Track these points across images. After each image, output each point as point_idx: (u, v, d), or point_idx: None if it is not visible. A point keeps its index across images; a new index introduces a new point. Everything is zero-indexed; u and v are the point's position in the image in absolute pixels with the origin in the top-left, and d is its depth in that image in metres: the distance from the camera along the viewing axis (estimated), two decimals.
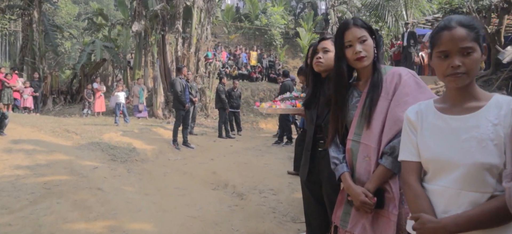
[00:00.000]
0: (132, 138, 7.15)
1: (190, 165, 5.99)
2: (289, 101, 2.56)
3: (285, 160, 6.29)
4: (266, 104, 2.41)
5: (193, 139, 8.50)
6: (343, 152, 1.68)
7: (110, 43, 15.62)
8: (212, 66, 15.08)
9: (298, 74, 3.66)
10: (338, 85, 1.67)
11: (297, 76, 3.70)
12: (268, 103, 2.40)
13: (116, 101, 9.15)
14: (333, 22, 22.73)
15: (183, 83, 7.26)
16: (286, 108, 2.34)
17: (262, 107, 2.41)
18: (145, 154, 6.29)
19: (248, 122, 13.75)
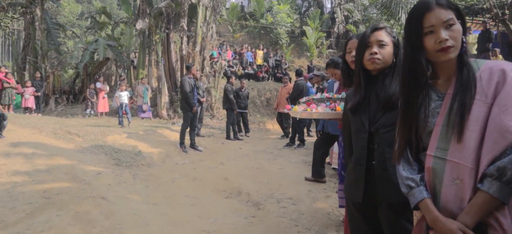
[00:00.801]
0: (137, 140, 6.80)
1: (199, 170, 5.63)
2: (325, 103, 2.19)
3: (300, 165, 5.92)
4: (300, 107, 2.04)
5: (200, 141, 8.14)
6: (419, 170, 1.30)
7: (113, 42, 15.31)
8: (217, 66, 14.73)
9: (327, 68, 3.28)
10: (412, 85, 1.29)
11: (326, 70, 3.30)
12: (302, 107, 2.03)
13: (118, 101, 8.79)
14: (339, 20, 22.34)
15: (192, 83, 6.90)
16: (324, 112, 1.97)
17: (295, 111, 2.04)
18: (151, 157, 5.93)
19: (255, 123, 13.38)
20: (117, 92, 9.08)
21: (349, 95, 1.85)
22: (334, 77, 3.29)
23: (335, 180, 4.92)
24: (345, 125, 1.85)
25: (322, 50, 20.99)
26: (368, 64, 1.67)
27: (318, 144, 4.63)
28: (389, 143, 1.58)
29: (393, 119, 1.57)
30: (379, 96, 1.65)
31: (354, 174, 1.73)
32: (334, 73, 3.25)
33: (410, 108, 1.30)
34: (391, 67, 1.69)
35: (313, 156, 4.74)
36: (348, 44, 2.23)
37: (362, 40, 1.70)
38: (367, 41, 1.68)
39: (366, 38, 1.69)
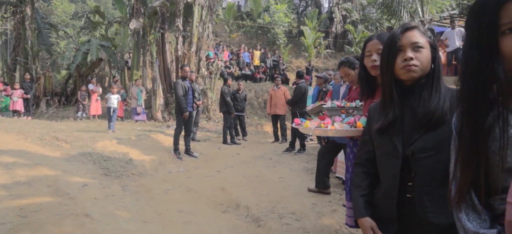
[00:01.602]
0: (129, 147, 6.42)
1: (195, 179, 5.27)
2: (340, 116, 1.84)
3: (301, 173, 5.57)
4: (313, 123, 1.69)
5: (196, 146, 7.78)
6: (491, 222, 0.95)
7: (107, 42, 14.89)
8: (214, 66, 14.36)
9: (340, 67, 2.94)
10: (479, 103, 0.94)
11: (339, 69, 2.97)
12: (315, 122, 1.68)
13: (108, 105, 8.37)
14: (337, 20, 22.05)
15: (186, 86, 6.53)
16: (342, 130, 1.62)
17: (306, 126, 1.69)
18: (143, 166, 5.56)
19: (253, 125, 13.03)
20: (107, 94, 8.66)
21: (373, 110, 1.49)
22: (347, 79, 2.95)
23: (340, 191, 4.58)
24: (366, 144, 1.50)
25: (320, 50, 20.69)
26: (403, 73, 1.32)
27: (323, 153, 4.29)
28: (429, 171, 1.24)
29: (435, 140, 1.23)
30: (416, 112, 1.31)
31: (382, 210, 1.38)
32: (347, 74, 2.91)
33: (477, 136, 0.94)
34: (429, 76, 1.34)
35: (317, 165, 4.40)
36: (367, 46, 1.88)
37: (391, 43, 1.35)
38: (399, 44, 1.33)
39: (397, 40, 1.34)
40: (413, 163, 1.27)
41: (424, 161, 1.25)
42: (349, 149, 3.20)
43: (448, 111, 1.26)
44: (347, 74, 2.91)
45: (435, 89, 1.31)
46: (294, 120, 1.83)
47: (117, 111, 8.41)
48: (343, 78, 3.04)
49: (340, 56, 20.97)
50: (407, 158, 1.28)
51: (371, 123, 1.47)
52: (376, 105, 1.49)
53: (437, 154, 1.24)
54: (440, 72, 1.35)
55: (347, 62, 2.91)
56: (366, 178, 1.44)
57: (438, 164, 1.24)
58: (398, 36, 1.34)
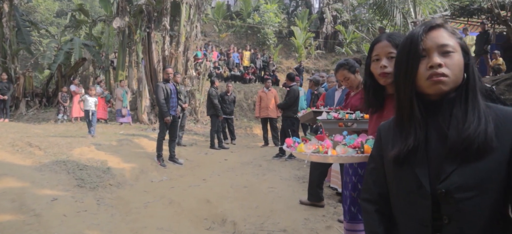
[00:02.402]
0: (108, 153, 6.01)
1: (178, 189, 4.90)
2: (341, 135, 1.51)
3: (292, 182, 5.25)
4: (309, 146, 1.35)
5: (182, 151, 7.40)
6: None
7: (90, 42, 14.33)
8: (202, 67, 13.97)
9: (338, 70, 2.61)
10: None
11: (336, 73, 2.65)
12: (312, 146, 1.34)
13: (85, 108, 7.88)
14: (328, 20, 21.87)
15: (169, 89, 6.15)
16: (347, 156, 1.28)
17: (300, 151, 1.35)
18: (122, 175, 5.16)
19: (242, 128, 12.69)
20: (84, 96, 8.17)
21: (385, 130, 1.17)
22: (345, 83, 2.64)
23: (334, 203, 4.28)
24: (377, 175, 1.16)
25: (310, 51, 20.45)
26: (428, 86, 1.00)
27: (315, 163, 3.97)
28: (469, 218, 0.93)
29: (479, 176, 0.92)
30: (445, 136, 0.99)
31: None
32: (346, 78, 2.60)
33: None
34: (461, 88, 1.02)
35: (310, 176, 4.08)
36: (375, 49, 1.56)
37: (412, 46, 1.03)
38: (422, 47, 1.01)
39: (419, 42, 1.01)
40: (446, 206, 0.95)
41: (463, 204, 0.93)
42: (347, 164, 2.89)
43: (493, 136, 0.94)
44: (346, 79, 2.59)
45: (471, 106, 0.99)
46: (285, 141, 1.49)
47: (96, 114, 7.95)
48: (341, 82, 2.72)
49: (331, 57, 20.79)
50: (437, 198, 0.96)
51: (383, 147, 1.14)
52: (389, 125, 1.16)
53: (481, 194, 0.92)
54: (476, 84, 1.02)
55: (347, 64, 2.59)
56: (381, 221, 1.11)
57: (482, 209, 0.92)
58: (420, 37, 1.02)
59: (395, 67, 1.11)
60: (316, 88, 6.52)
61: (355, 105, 2.63)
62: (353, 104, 2.66)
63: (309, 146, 1.31)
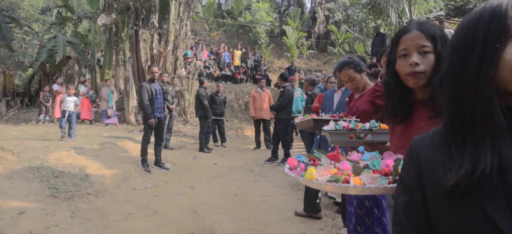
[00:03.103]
0: (89, 158, 5.58)
1: (163, 198, 4.52)
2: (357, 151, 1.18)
3: (286, 189, 4.91)
4: (322, 172, 0.99)
5: (169, 155, 7.00)
6: None
7: (75, 39, 13.78)
8: (191, 66, 13.55)
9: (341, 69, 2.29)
10: None
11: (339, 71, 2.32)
12: (326, 170, 0.98)
13: (62, 108, 7.40)
14: (320, 20, 21.64)
15: (155, 89, 5.75)
16: (376, 187, 0.92)
17: (310, 178, 0.99)
18: (102, 182, 4.75)
19: (232, 129, 12.31)
20: (62, 96, 7.69)
21: (424, 147, 0.82)
22: (349, 85, 2.33)
23: (332, 214, 3.95)
24: (415, 210, 0.82)
25: (302, 51, 20.18)
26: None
27: None
28: None
29: None
30: None
31: None
32: (351, 78, 2.29)
33: None
34: None
35: (306, 187, 3.74)
36: (402, 42, 1.23)
37: (492, 21, 0.68)
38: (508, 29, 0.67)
39: (506, 16, 0.67)
40: None
41: None
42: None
43: None
44: (351, 79, 2.27)
45: None
46: (287, 161, 1.15)
47: (74, 116, 7.48)
48: (345, 83, 2.39)
49: (323, 57, 20.56)
50: None
51: (423, 172, 0.80)
52: (430, 141, 0.81)
53: None
54: None
55: (352, 63, 2.27)
56: None
57: None
58: (509, 10, 0.67)
59: (451, 54, 0.75)
60: (311, 88, 6.19)
61: (361, 109, 2.30)
62: (358, 108, 2.33)
63: (322, 172, 0.97)
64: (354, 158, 1.16)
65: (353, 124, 1.61)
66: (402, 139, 1.23)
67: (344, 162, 1.02)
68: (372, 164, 1.01)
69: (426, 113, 1.16)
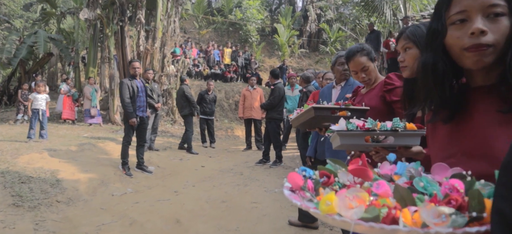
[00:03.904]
0: (63, 161, 5.11)
1: (143, 206, 4.09)
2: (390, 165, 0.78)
3: (278, 195, 4.51)
4: (348, 202, 0.60)
5: (153, 156, 6.56)
6: None
7: (58, 35, 13.18)
8: (180, 64, 13.09)
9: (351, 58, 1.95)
10: None
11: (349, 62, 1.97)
12: (356, 198, 0.60)
13: (33, 107, 6.87)
14: (312, 19, 21.36)
15: (136, 86, 5.30)
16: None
17: (329, 211, 0.60)
18: (75, 188, 4.29)
19: (222, 129, 11.90)
20: (32, 94, 7.16)
21: None
22: (361, 76, 2.01)
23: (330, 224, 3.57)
24: None
25: (294, 49, 19.85)
26: None
27: None
28: None
29: None
30: None
31: None
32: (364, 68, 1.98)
33: None
34: None
35: None
36: (457, 2, 0.84)
37: None
38: None
39: None
40: None
41: None
42: None
43: None
44: (365, 68, 1.91)
45: None
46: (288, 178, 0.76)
47: (46, 115, 6.98)
48: (356, 74, 2.03)
49: (315, 56, 20.27)
50: None
51: None
52: None
53: None
54: None
55: (365, 49, 1.92)
56: None
57: None
58: None
59: None
60: (305, 85, 5.82)
61: (369, 106, 1.93)
62: (366, 105, 1.96)
63: (349, 201, 0.58)
64: (385, 171, 0.78)
65: (371, 123, 1.22)
66: (453, 144, 0.85)
67: (380, 183, 0.63)
68: (427, 186, 0.63)
69: (493, 106, 0.79)
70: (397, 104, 1.94)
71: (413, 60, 1.43)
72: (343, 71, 2.93)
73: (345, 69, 2.96)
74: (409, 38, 1.46)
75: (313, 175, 0.78)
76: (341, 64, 2.93)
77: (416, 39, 1.44)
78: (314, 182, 0.74)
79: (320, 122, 1.86)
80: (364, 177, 0.70)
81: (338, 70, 2.94)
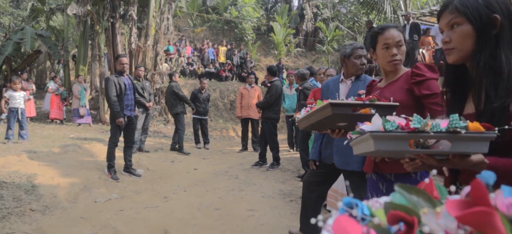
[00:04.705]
0: (43, 164, 4.71)
1: (129, 213, 3.71)
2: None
3: (277, 200, 4.16)
4: None
5: (143, 158, 6.18)
6: None
7: (46, 32, 12.71)
8: (173, 62, 12.70)
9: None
10: None
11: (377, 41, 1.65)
12: None
13: (11, 105, 6.45)
14: (308, 17, 21.05)
15: (124, 83, 4.92)
16: None
17: None
18: (53, 195, 3.90)
19: (217, 129, 11.53)
20: (7, 91, 6.73)
21: None
22: (391, 53, 1.70)
23: None
24: None
25: (290, 48, 19.51)
26: None
27: (310, 183, 2.90)
28: None
29: None
30: None
31: None
32: (399, 43, 1.68)
33: None
34: None
35: (303, 200, 2.99)
36: None
37: None
38: None
39: None
40: None
41: None
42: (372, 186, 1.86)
43: None
44: (399, 44, 1.64)
45: None
46: (333, 226, 0.41)
47: (25, 114, 6.57)
48: (388, 48, 1.73)
49: (311, 55, 19.95)
50: None
51: None
52: None
53: None
54: None
55: (396, 27, 1.60)
56: None
57: None
58: None
59: None
60: (301, 83, 5.47)
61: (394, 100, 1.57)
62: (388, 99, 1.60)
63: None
64: (504, 204, 0.43)
65: (418, 121, 0.87)
66: None
67: None
68: None
69: None
70: (428, 99, 1.60)
71: (463, 40, 1.09)
72: (361, 65, 2.60)
73: (363, 63, 2.63)
74: (458, 11, 1.10)
75: (368, 214, 0.43)
76: (358, 57, 2.61)
77: (469, 12, 1.09)
78: (379, 230, 0.38)
79: (334, 122, 1.51)
80: (486, 228, 0.34)
81: (354, 64, 2.61)
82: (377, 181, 1.77)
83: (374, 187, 1.79)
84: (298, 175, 5.27)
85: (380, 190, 1.74)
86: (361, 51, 2.68)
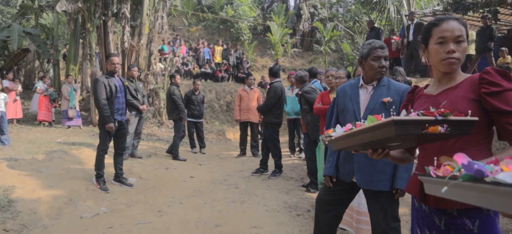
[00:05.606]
0: (24, 174, 4.28)
1: (118, 231, 3.31)
2: None
3: (282, 214, 3.78)
4: None
5: (135, 165, 5.76)
6: None
7: (34, 30, 12.20)
8: (167, 62, 12.27)
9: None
10: None
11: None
12: None
13: None
14: (305, 17, 20.75)
15: (114, 85, 4.50)
16: None
17: None
18: (33, 211, 3.47)
19: (213, 132, 11.13)
20: None
21: None
22: (445, 50, 1.29)
23: None
24: None
25: (287, 49, 19.17)
26: None
27: (326, 202, 2.51)
28: None
29: None
30: None
31: None
32: (460, 38, 1.29)
33: None
34: None
35: (316, 221, 2.60)
36: None
37: None
38: None
39: None
40: None
41: None
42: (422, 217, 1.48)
43: None
44: (459, 39, 1.34)
45: None
46: None
47: (5, 117, 6.13)
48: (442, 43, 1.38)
49: (308, 56, 19.63)
50: None
51: None
52: None
53: None
54: None
55: (457, 19, 1.27)
56: None
57: None
58: None
59: None
60: (301, 87, 5.05)
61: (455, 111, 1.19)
62: (449, 110, 1.22)
63: None
64: None
65: None
66: None
67: None
68: None
69: None
70: (506, 118, 1.21)
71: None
72: (379, 67, 2.22)
73: (382, 65, 2.24)
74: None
75: None
76: (376, 59, 2.22)
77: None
78: None
79: (389, 142, 1.14)
80: None
81: (372, 66, 2.23)
82: (430, 214, 1.40)
83: (426, 220, 1.42)
84: (302, 184, 4.90)
85: (436, 226, 1.37)
86: (381, 52, 2.28)
